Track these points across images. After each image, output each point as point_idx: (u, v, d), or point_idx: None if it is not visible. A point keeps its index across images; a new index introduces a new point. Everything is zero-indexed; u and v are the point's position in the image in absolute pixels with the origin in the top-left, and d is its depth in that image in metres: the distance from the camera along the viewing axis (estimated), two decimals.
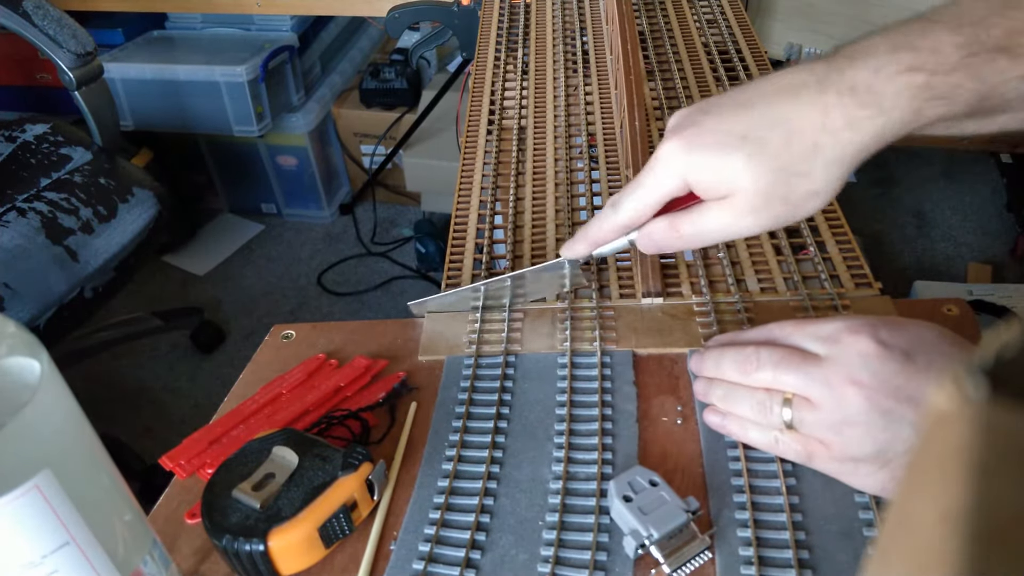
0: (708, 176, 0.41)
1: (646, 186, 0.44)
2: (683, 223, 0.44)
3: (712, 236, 0.43)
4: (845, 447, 0.40)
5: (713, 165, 0.41)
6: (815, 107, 0.39)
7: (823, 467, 0.42)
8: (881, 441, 0.39)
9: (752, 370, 0.43)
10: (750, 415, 0.44)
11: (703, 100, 0.43)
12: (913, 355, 0.40)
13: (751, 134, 0.40)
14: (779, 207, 0.41)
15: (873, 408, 0.39)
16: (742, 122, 0.40)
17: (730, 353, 0.45)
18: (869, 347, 0.40)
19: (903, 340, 0.40)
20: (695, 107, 0.43)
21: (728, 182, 0.41)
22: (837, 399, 0.40)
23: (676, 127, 0.43)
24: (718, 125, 0.41)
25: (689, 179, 0.42)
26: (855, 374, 0.39)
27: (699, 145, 0.41)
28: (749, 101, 0.41)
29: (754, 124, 0.40)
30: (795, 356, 0.42)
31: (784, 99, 0.40)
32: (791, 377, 0.41)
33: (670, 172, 0.42)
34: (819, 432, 0.41)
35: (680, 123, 0.43)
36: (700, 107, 0.43)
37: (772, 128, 0.39)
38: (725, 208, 0.42)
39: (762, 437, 0.44)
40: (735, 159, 0.40)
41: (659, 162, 0.43)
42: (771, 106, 0.40)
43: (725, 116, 0.41)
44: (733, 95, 0.42)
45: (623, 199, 0.45)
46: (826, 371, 0.40)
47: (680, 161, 0.42)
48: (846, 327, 0.41)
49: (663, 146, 0.43)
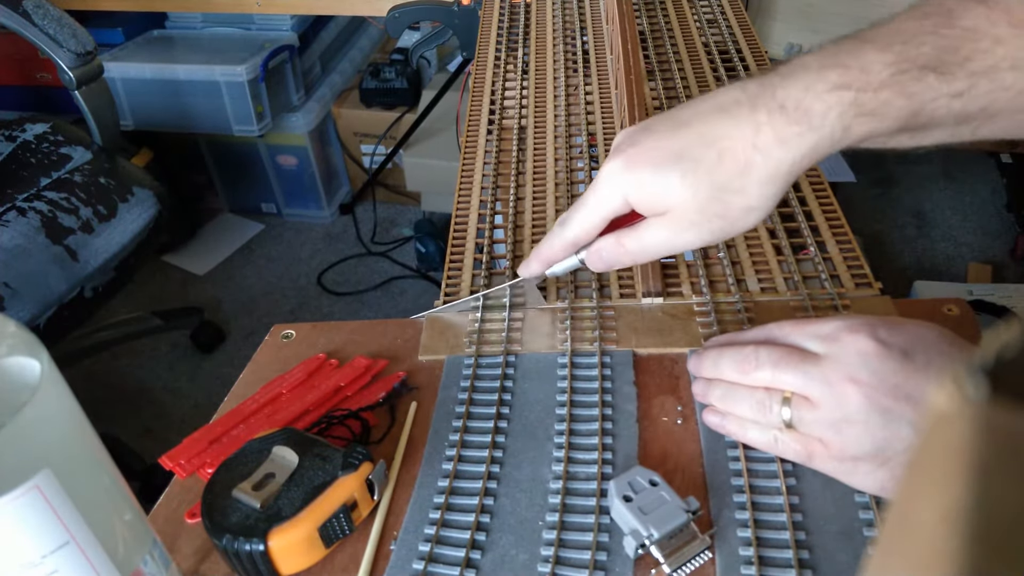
0: (646, 193, 0.42)
1: (590, 205, 0.45)
2: (628, 239, 0.45)
3: (655, 250, 0.45)
4: (844, 446, 0.40)
5: (650, 183, 0.42)
6: (747, 125, 0.39)
7: (822, 466, 0.42)
8: (880, 439, 0.39)
9: (751, 369, 0.43)
10: (749, 414, 0.44)
11: (648, 119, 0.44)
12: (912, 354, 0.40)
13: (686, 153, 0.41)
14: (716, 222, 0.42)
15: (872, 406, 0.39)
16: (678, 141, 0.41)
17: (729, 353, 0.45)
18: (868, 346, 0.40)
19: (902, 339, 0.40)
20: (638, 126, 0.44)
21: (665, 199, 0.42)
22: (836, 397, 0.40)
23: (618, 147, 0.44)
24: (656, 143, 0.42)
25: (629, 197, 0.43)
26: (854, 372, 0.40)
27: (637, 164, 0.42)
28: (686, 120, 0.42)
29: (689, 143, 0.41)
30: (794, 355, 0.42)
31: (717, 118, 0.41)
32: (790, 376, 0.42)
33: (612, 191, 0.43)
34: (818, 431, 0.41)
35: (622, 143, 0.44)
36: (643, 126, 0.44)
37: (706, 147, 0.40)
38: (665, 224, 0.43)
39: (761, 436, 0.44)
40: (671, 177, 0.41)
41: (601, 181, 0.44)
42: (705, 124, 0.41)
43: (663, 135, 0.42)
44: (672, 114, 0.43)
45: (570, 217, 0.47)
46: (825, 370, 0.41)
47: (620, 180, 0.43)
48: (845, 326, 0.41)
49: (605, 166, 0.44)
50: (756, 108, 0.39)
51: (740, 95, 0.40)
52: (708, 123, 0.41)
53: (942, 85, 0.37)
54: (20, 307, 1.03)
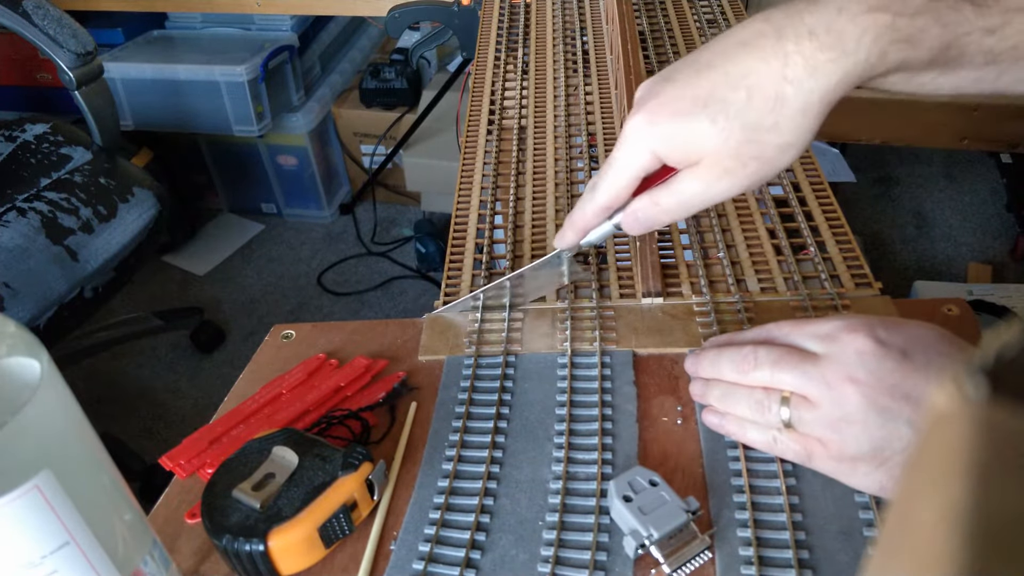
0: (676, 145, 0.41)
1: (617, 165, 0.43)
2: (662, 196, 0.43)
3: (693, 203, 0.42)
4: (843, 445, 0.40)
5: (678, 133, 0.40)
6: (774, 57, 0.37)
7: (822, 466, 0.42)
8: (878, 439, 0.39)
9: (750, 369, 0.43)
10: (748, 415, 0.44)
11: (667, 68, 0.42)
12: (910, 354, 0.40)
13: (712, 96, 0.39)
14: (753, 165, 0.40)
15: (871, 406, 0.39)
16: (702, 85, 0.39)
17: (728, 353, 0.45)
18: (867, 345, 0.40)
19: (900, 339, 0.40)
20: (657, 76, 0.42)
21: (696, 148, 0.40)
22: (835, 397, 0.40)
23: (640, 100, 0.42)
24: (680, 92, 0.40)
25: (658, 151, 0.41)
26: (853, 372, 0.39)
27: (661, 116, 0.40)
28: (709, 62, 0.40)
29: (714, 86, 0.39)
30: (793, 355, 0.42)
31: (742, 54, 0.39)
32: (789, 375, 0.41)
33: (638, 147, 0.42)
34: (817, 430, 0.41)
35: (643, 96, 0.42)
36: (662, 75, 0.42)
37: (734, 87, 0.39)
38: (699, 174, 0.41)
39: (761, 437, 0.44)
40: (699, 124, 0.39)
41: (626, 138, 0.42)
42: (729, 63, 0.39)
43: (685, 82, 0.40)
44: (694, 57, 0.41)
45: (599, 181, 0.45)
46: (824, 369, 0.40)
47: (646, 134, 0.41)
48: (844, 326, 0.41)
49: (628, 122, 0.42)
50: (783, 38, 0.37)
51: (764, 26, 0.38)
52: (732, 61, 0.39)
53: (977, 18, 0.36)
54: (20, 307, 1.03)
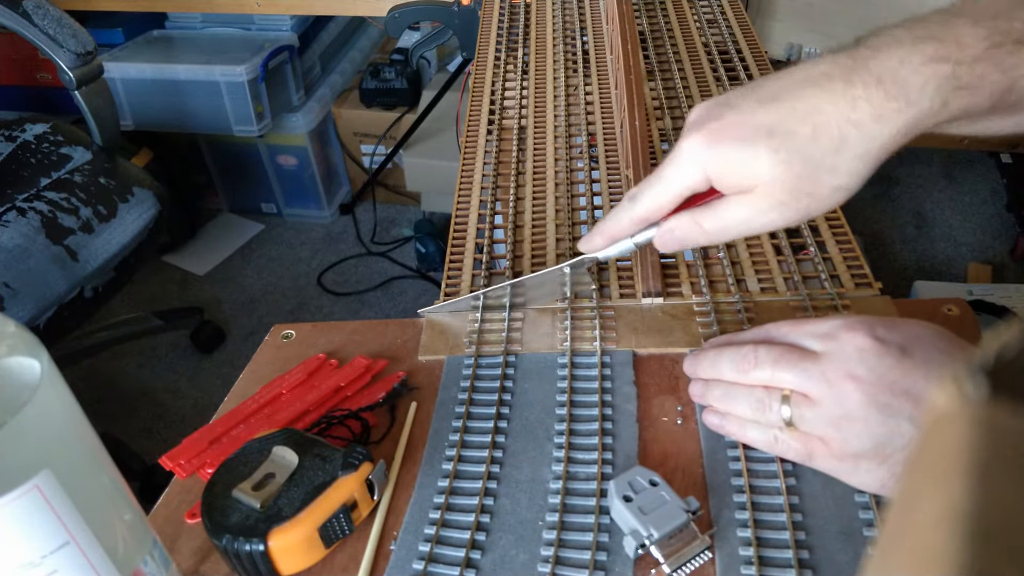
0: (732, 170, 0.41)
1: (667, 179, 0.43)
2: (705, 218, 0.43)
3: (735, 230, 0.43)
4: (845, 443, 0.40)
5: (738, 159, 0.40)
6: (843, 99, 0.38)
7: (823, 465, 0.42)
8: (880, 436, 0.39)
9: (750, 368, 0.43)
10: (749, 414, 0.44)
11: (724, 94, 0.43)
12: (909, 351, 0.40)
13: (778, 127, 0.39)
14: (804, 201, 0.40)
15: (871, 403, 0.39)
16: (768, 115, 0.40)
17: (727, 353, 0.45)
18: (866, 343, 0.40)
19: (899, 336, 0.40)
20: (716, 101, 0.43)
21: (753, 176, 0.40)
22: (836, 395, 0.40)
23: (698, 121, 0.42)
24: (743, 119, 0.40)
25: (711, 173, 0.41)
26: (853, 369, 0.40)
27: (723, 139, 0.40)
28: (774, 95, 0.40)
29: (781, 117, 0.39)
30: (793, 353, 0.42)
31: (811, 91, 0.39)
32: (789, 374, 0.41)
33: (692, 166, 0.42)
34: (819, 429, 0.41)
35: (701, 117, 0.42)
36: (722, 101, 0.42)
37: (800, 121, 0.39)
38: (749, 202, 0.41)
39: (761, 436, 0.44)
40: (761, 153, 0.39)
41: (681, 155, 0.42)
42: (797, 99, 0.39)
43: (749, 110, 0.40)
44: (755, 89, 0.41)
45: (642, 192, 0.45)
46: (824, 367, 0.40)
47: (703, 155, 0.41)
48: (843, 324, 0.41)
49: (685, 140, 0.42)
50: (852, 82, 0.38)
51: (831, 68, 0.39)
52: (798, 97, 0.39)
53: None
54: (20, 307, 1.03)
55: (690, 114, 0.44)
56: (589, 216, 0.65)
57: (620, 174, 0.69)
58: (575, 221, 0.65)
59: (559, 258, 0.61)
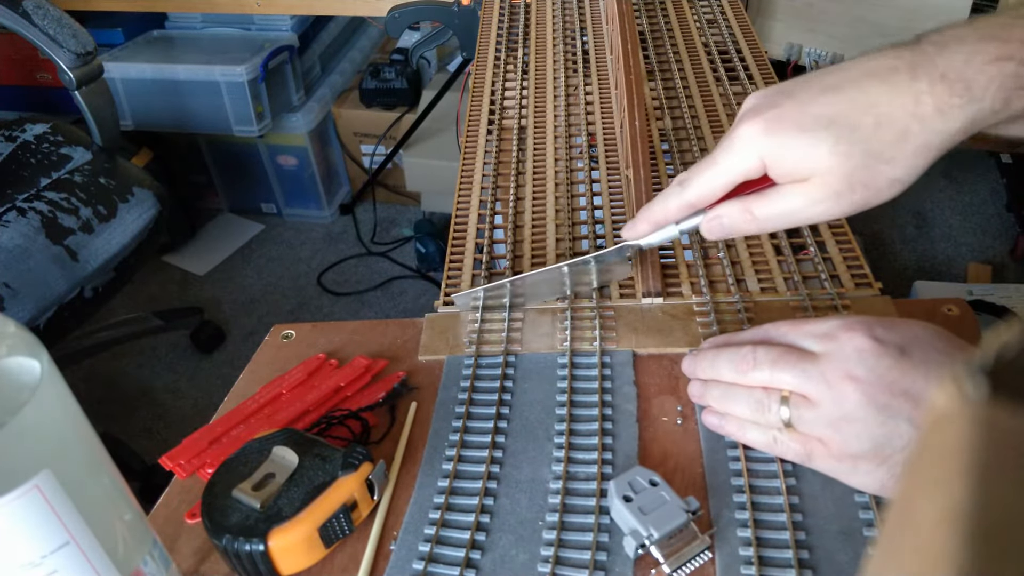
0: (790, 158, 0.41)
1: (720, 165, 0.43)
2: (758, 206, 0.43)
3: (787, 219, 0.43)
4: (844, 444, 0.40)
5: (796, 147, 0.40)
6: (907, 93, 0.38)
7: (822, 466, 0.42)
8: (879, 436, 0.39)
9: (749, 369, 0.43)
10: (748, 415, 0.44)
11: (783, 82, 0.43)
12: (908, 351, 0.40)
13: (839, 118, 0.39)
14: (860, 192, 0.40)
15: (870, 403, 0.39)
16: (829, 105, 0.40)
17: (726, 353, 0.45)
18: (865, 343, 0.40)
19: (898, 337, 0.40)
20: (774, 89, 0.42)
21: (810, 165, 0.40)
22: (835, 395, 0.40)
23: (755, 108, 0.42)
24: (803, 108, 0.40)
25: (767, 160, 0.41)
26: (852, 370, 0.39)
27: (782, 126, 0.40)
28: (835, 85, 0.40)
29: (842, 107, 0.40)
30: (792, 354, 0.42)
31: (874, 83, 0.39)
32: (788, 375, 0.41)
33: (748, 153, 0.42)
34: (818, 430, 0.41)
35: (759, 104, 0.42)
36: (780, 89, 0.42)
37: (862, 112, 0.39)
38: (803, 191, 0.41)
39: (761, 437, 0.44)
40: (820, 142, 0.39)
41: (737, 141, 0.42)
42: (860, 90, 0.39)
43: (809, 99, 0.40)
44: (816, 79, 0.41)
45: (693, 177, 0.45)
46: (823, 368, 0.40)
47: (760, 142, 0.41)
48: (842, 325, 0.41)
49: (741, 126, 0.42)
50: (916, 76, 0.38)
51: (895, 62, 0.39)
52: (861, 88, 0.39)
53: None
54: (20, 307, 1.03)
55: (746, 102, 0.44)
56: (589, 216, 0.65)
57: (620, 174, 0.69)
58: (575, 221, 0.65)
59: (559, 258, 0.61)
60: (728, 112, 0.75)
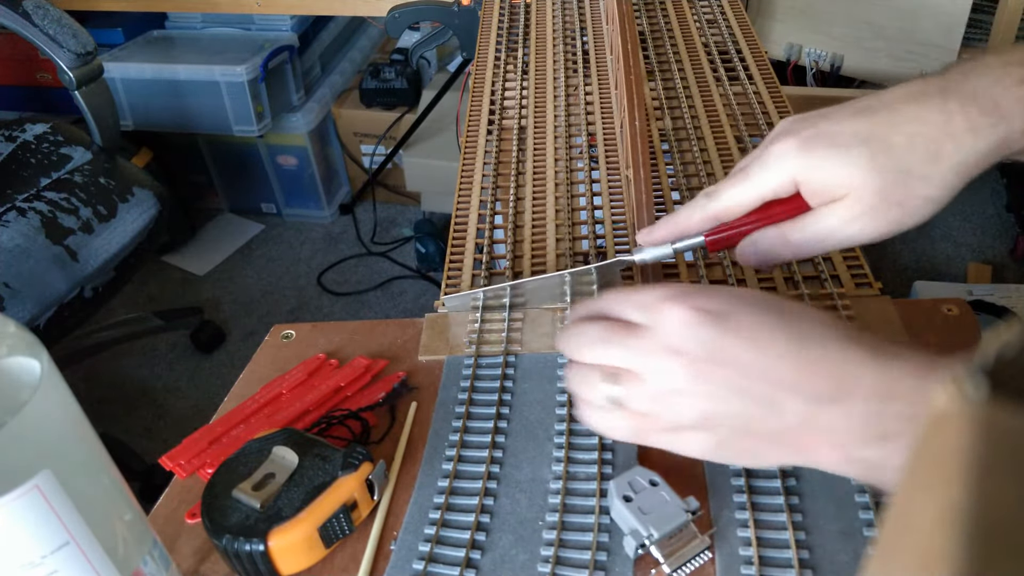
0: (824, 175, 0.41)
1: (752, 179, 0.43)
2: (792, 231, 0.43)
3: (824, 243, 0.43)
4: (671, 417, 0.39)
5: (831, 164, 0.41)
6: (939, 112, 0.39)
7: (654, 440, 0.40)
8: (706, 407, 0.38)
9: (582, 346, 0.41)
10: (587, 396, 0.41)
11: (817, 109, 0.43)
12: (729, 317, 0.38)
13: (874, 135, 0.40)
14: (895, 211, 0.41)
15: (695, 376, 0.38)
16: (865, 124, 0.41)
17: (566, 332, 0.43)
18: (685, 315, 0.38)
19: (718, 304, 0.39)
20: (808, 113, 0.43)
21: (845, 182, 0.41)
22: (658, 369, 0.38)
23: (789, 128, 0.43)
24: (838, 127, 0.41)
25: (800, 178, 0.42)
26: (674, 343, 0.38)
27: (817, 145, 0.41)
28: (869, 107, 0.41)
29: (877, 126, 0.40)
30: (618, 329, 0.40)
31: (907, 105, 0.40)
32: (615, 350, 0.40)
33: (781, 169, 0.42)
34: (645, 405, 0.39)
35: (793, 125, 0.43)
36: (814, 113, 0.43)
37: (896, 131, 0.40)
38: (837, 210, 0.41)
39: (598, 418, 0.41)
40: (855, 158, 0.40)
41: (771, 158, 0.42)
42: (893, 111, 0.40)
43: (845, 119, 0.41)
44: (849, 104, 0.42)
45: (722, 189, 0.44)
46: (647, 342, 0.39)
47: (794, 160, 0.41)
48: (663, 296, 0.40)
49: (776, 144, 0.42)
50: (947, 97, 0.39)
51: (925, 86, 0.40)
52: (894, 109, 0.40)
53: None
54: (20, 307, 1.03)
55: (779, 124, 0.44)
56: (589, 216, 0.65)
57: (620, 174, 0.69)
58: (575, 221, 0.65)
59: (559, 258, 0.61)
60: (728, 112, 0.75)
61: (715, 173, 0.67)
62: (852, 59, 1.52)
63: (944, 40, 1.43)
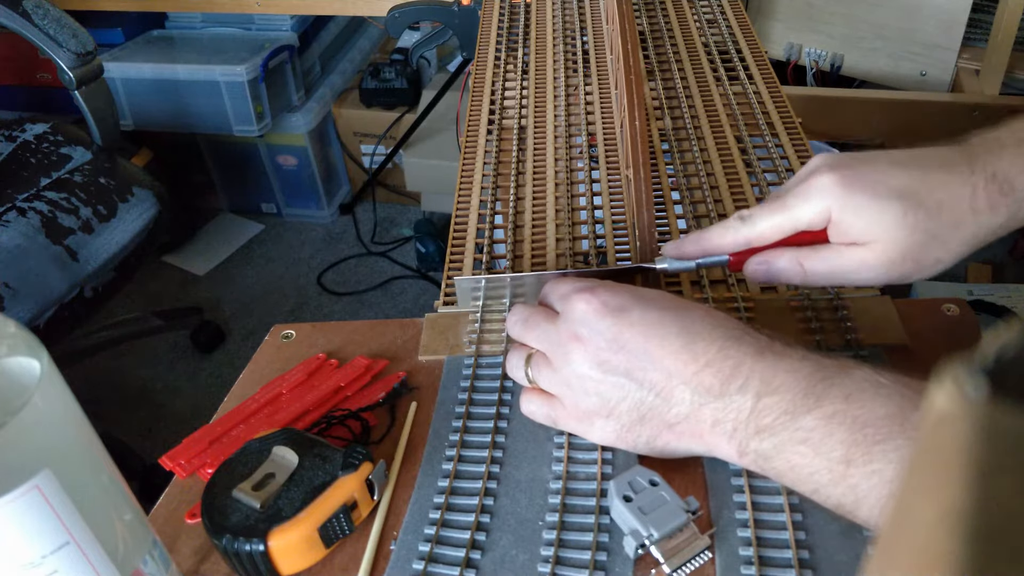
0: (858, 220, 0.42)
1: (791, 209, 0.44)
2: (809, 261, 0.44)
3: (835, 279, 0.45)
4: (576, 401, 0.43)
5: (868, 211, 0.42)
6: (966, 184, 0.41)
7: (567, 426, 0.45)
8: (604, 392, 0.42)
9: (512, 327, 0.47)
10: (512, 375, 0.47)
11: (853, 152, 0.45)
12: (627, 309, 0.42)
13: (909, 192, 0.42)
14: (909, 266, 0.42)
15: (593, 361, 0.42)
16: (901, 179, 0.42)
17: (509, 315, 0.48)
18: (590, 306, 0.42)
19: (620, 300, 0.42)
20: (846, 154, 0.44)
21: (876, 231, 0.42)
22: (563, 354, 0.43)
23: (829, 165, 0.44)
24: (878, 176, 0.42)
25: (836, 216, 0.43)
26: (577, 330, 0.42)
27: (857, 188, 0.42)
28: (903, 162, 0.43)
29: (914, 184, 0.42)
30: (538, 315, 0.45)
31: (939, 171, 0.42)
32: (532, 334, 0.45)
33: (820, 203, 0.43)
34: (555, 388, 0.44)
35: (835, 164, 0.44)
36: (853, 155, 0.44)
37: (929, 192, 0.42)
38: (860, 255, 0.43)
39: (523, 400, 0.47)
40: (891, 210, 0.41)
41: (813, 191, 0.43)
42: (926, 172, 0.42)
43: (884, 170, 0.43)
44: (883, 154, 0.44)
45: (759, 216, 0.45)
46: (559, 328, 0.43)
47: (835, 196, 0.43)
48: (576, 288, 0.44)
49: (819, 177, 0.43)
50: (974, 172, 0.41)
51: (955, 156, 0.42)
52: (927, 171, 0.42)
53: None
54: (20, 307, 1.03)
55: (813, 159, 0.45)
56: (589, 216, 0.65)
57: (620, 174, 0.69)
58: (575, 221, 0.65)
59: (559, 258, 0.61)
60: (728, 112, 0.75)
61: (715, 173, 0.67)
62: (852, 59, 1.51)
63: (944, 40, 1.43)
